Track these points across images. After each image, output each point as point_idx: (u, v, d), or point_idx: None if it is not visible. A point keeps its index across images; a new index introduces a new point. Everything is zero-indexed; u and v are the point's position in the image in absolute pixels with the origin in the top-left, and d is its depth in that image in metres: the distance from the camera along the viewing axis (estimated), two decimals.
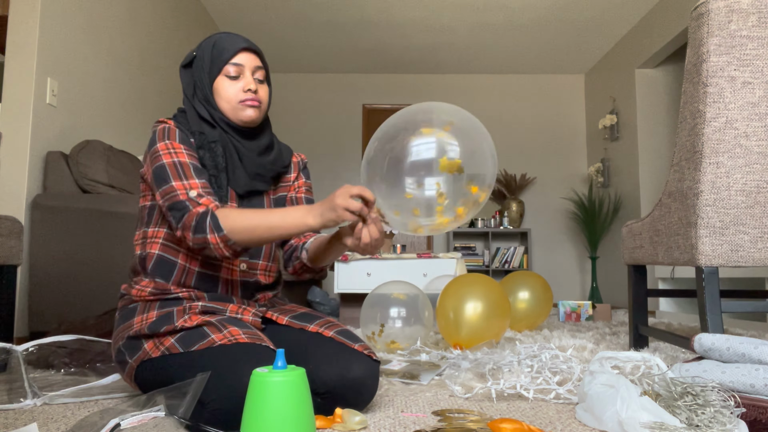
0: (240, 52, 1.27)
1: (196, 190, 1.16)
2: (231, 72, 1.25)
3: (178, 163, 1.19)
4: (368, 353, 1.18)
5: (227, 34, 1.30)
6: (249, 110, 1.26)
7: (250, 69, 1.28)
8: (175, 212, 1.15)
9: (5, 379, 1.43)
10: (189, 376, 1.03)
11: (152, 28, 3.82)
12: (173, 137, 1.22)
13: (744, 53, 1.50)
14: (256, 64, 1.29)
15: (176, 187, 1.16)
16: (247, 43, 1.28)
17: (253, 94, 1.26)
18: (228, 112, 1.27)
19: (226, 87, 1.26)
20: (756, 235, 1.51)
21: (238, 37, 1.29)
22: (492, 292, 2.15)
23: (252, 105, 1.26)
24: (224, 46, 1.27)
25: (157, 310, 1.19)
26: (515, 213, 5.97)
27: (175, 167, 1.18)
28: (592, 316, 3.49)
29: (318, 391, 1.12)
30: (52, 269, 2.38)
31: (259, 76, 1.29)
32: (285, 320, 1.29)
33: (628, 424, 0.96)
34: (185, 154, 1.21)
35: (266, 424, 0.83)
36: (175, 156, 1.20)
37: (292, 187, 1.43)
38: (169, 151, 1.20)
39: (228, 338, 1.08)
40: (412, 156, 1.15)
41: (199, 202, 1.14)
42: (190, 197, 1.15)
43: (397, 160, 1.16)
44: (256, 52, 1.30)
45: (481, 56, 5.89)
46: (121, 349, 1.19)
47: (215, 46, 1.27)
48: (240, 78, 1.27)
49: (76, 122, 2.87)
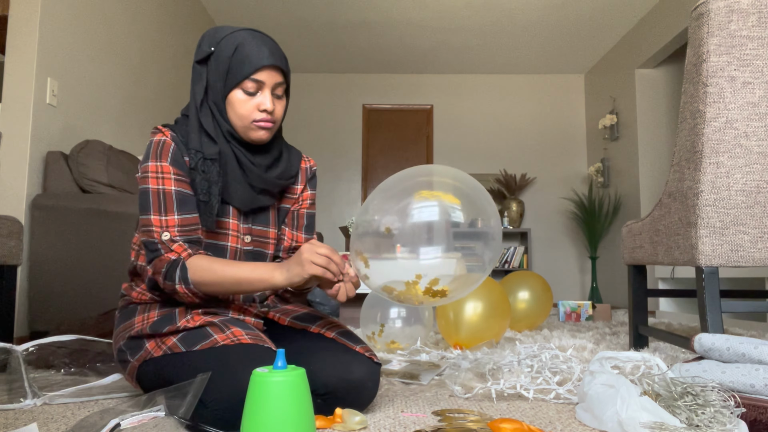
0: (263, 69, 1.16)
1: (171, 231, 1.12)
2: (249, 88, 1.16)
3: (161, 193, 1.13)
4: (369, 355, 1.18)
5: (252, 36, 1.17)
6: (260, 132, 1.19)
7: (270, 86, 1.17)
8: (148, 252, 1.13)
9: (5, 379, 1.43)
10: (191, 376, 1.03)
11: (152, 29, 3.82)
12: (165, 156, 1.15)
13: (744, 53, 1.50)
14: (278, 81, 1.18)
15: (153, 222, 1.12)
16: (273, 58, 1.16)
17: (268, 114, 1.18)
18: (238, 127, 1.19)
19: (242, 103, 1.16)
20: (756, 235, 1.51)
21: (264, 48, 1.16)
22: (492, 292, 2.15)
23: (265, 127, 1.18)
24: (247, 57, 1.15)
25: (158, 310, 1.19)
26: (515, 213, 5.97)
27: (158, 197, 1.13)
28: (592, 316, 3.49)
29: (318, 393, 1.12)
30: (52, 269, 2.38)
31: (278, 92, 1.19)
32: (287, 321, 1.28)
33: (628, 424, 0.96)
34: (172, 180, 1.14)
35: (266, 424, 0.83)
36: (161, 182, 1.14)
37: (297, 200, 1.37)
38: (156, 175, 1.14)
39: (231, 338, 1.08)
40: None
41: (171, 248, 1.11)
42: (163, 240, 1.11)
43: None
44: (279, 67, 1.18)
45: (481, 56, 5.89)
46: (122, 349, 1.19)
47: (237, 51, 1.15)
48: (257, 95, 1.17)
49: (76, 122, 2.87)
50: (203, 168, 1.16)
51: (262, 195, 1.25)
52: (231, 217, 1.24)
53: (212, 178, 1.16)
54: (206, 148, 1.17)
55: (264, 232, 1.30)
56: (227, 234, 1.23)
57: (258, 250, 1.29)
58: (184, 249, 1.12)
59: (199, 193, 1.16)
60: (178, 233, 1.13)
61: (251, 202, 1.23)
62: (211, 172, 1.16)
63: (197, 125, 1.19)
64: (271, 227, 1.31)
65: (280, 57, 1.18)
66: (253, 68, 1.14)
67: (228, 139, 1.20)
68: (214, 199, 1.16)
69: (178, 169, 1.15)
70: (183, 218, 1.14)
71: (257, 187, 1.22)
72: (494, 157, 6.30)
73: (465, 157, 6.30)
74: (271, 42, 1.19)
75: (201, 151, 1.16)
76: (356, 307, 3.45)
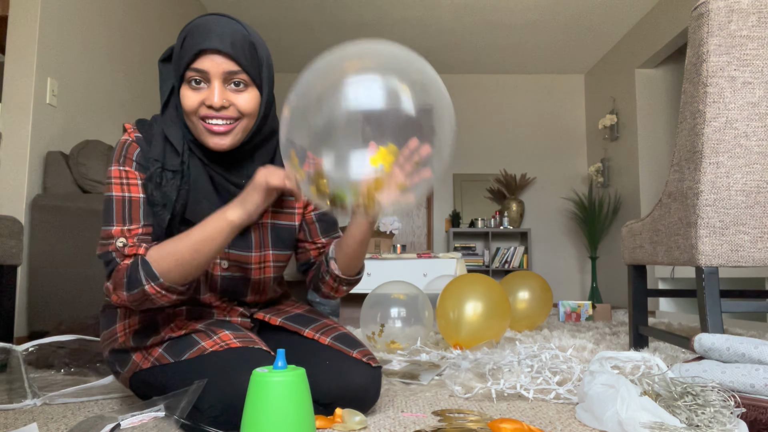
0: (204, 54, 0.96)
1: (131, 237, 0.99)
2: (192, 78, 0.98)
3: (127, 201, 1.01)
4: (367, 360, 1.14)
5: (206, 21, 0.98)
6: (212, 138, 0.99)
7: (219, 76, 0.97)
8: (105, 267, 1.00)
9: (5, 379, 1.43)
10: (183, 385, 0.99)
11: (152, 29, 3.81)
12: (129, 160, 1.02)
13: (744, 53, 1.50)
14: (228, 69, 0.97)
15: (114, 233, 0.99)
16: (218, 41, 0.96)
17: (216, 111, 0.98)
18: (193, 131, 1.02)
19: (185, 98, 0.99)
20: (756, 235, 1.51)
21: (213, 27, 0.97)
22: (492, 292, 2.15)
23: (216, 131, 0.98)
24: (190, 42, 0.97)
25: (140, 315, 1.13)
26: (515, 213, 5.97)
27: (123, 205, 1.01)
28: (592, 316, 3.49)
29: (320, 402, 1.09)
30: (52, 269, 2.38)
31: (237, 84, 0.99)
32: (278, 321, 1.21)
33: (628, 424, 0.96)
34: (138, 186, 1.02)
35: (266, 424, 0.83)
36: (126, 189, 1.02)
37: (299, 214, 1.21)
38: (121, 181, 1.02)
39: (219, 344, 1.03)
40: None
41: (125, 253, 0.98)
42: (117, 247, 0.98)
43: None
44: (227, 53, 0.96)
45: (481, 56, 5.89)
46: (110, 360, 1.15)
47: (185, 40, 0.99)
48: (203, 87, 0.99)
49: (76, 122, 2.87)
50: (158, 179, 1.01)
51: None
52: None
53: (169, 194, 1.02)
54: (168, 159, 1.03)
55: (243, 257, 1.14)
56: None
57: (237, 276, 1.15)
58: (137, 246, 0.99)
59: (156, 205, 1.02)
60: (138, 240, 1.01)
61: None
62: (168, 186, 1.02)
63: (160, 132, 1.05)
64: (253, 251, 1.15)
65: (232, 42, 0.97)
66: (191, 54, 0.96)
67: (194, 150, 1.05)
68: (165, 213, 1.03)
69: (143, 173, 1.03)
70: (148, 228, 1.03)
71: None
72: (494, 157, 6.30)
73: (465, 157, 6.30)
74: (227, 26, 0.98)
75: (160, 161, 1.02)
76: (356, 307, 3.45)
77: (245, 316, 1.21)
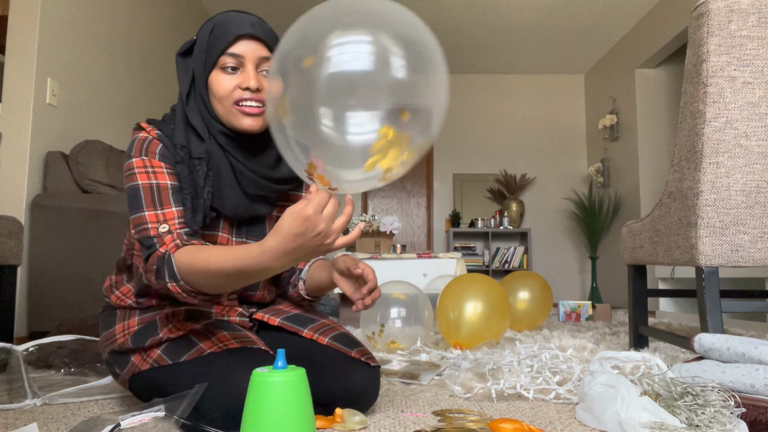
0: (240, 39, 1.02)
1: (170, 222, 0.98)
2: (228, 63, 1.02)
3: (155, 187, 1.00)
4: (366, 359, 1.14)
5: (233, 13, 1.05)
6: (246, 119, 1.03)
7: (253, 60, 1.03)
8: (144, 249, 0.98)
9: (5, 379, 1.43)
10: (183, 387, 0.99)
11: (152, 28, 3.82)
12: (152, 153, 1.03)
13: (744, 53, 1.50)
14: (263, 55, 1.04)
15: (148, 219, 0.98)
16: (254, 29, 1.03)
17: (252, 93, 1.03)
18: (222, 117, 1.05)
19: (220, 83, 1.03)
20: (756, 235, 1.51)
21: (244, 18, 1.04)
22: (492, 292, 2.15)
23: (250, 113, 1.03)
24: (224, 31, 1.03)
25: (139, 317, 1.13)
26: (515, 213, 5.97)
27: (151, 191, 1.00)
28: (592, 316, 3.49)
29: (319, 402, 1.10)
30: (52, 269, 2.38)
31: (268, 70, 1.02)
32: (277, 321, 1.21)
33: (628, 424, 0.96)
34: (165, 174, 1.02)
35: (266, 424, 0.83)
36: (153, 176, 1.01)
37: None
38: (146, 170, 1.01)
39: (217, 345, 1.03)
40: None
41: (164, 241, 0.96)
42: (160, 233, 0.97)
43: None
44: (262, 39, 1.03)
45: (482, 56, 5.89)
46: (109, 361, 1.15)
47: (215, 30, 1.04)
48: (239, 71, 1.03)
49: (76, 122, 2.87)
50: (189, 164, 1.04)
51: (258, 203, 1.11)
52: (221, 230, 1.12)
53: (198, 180, 1.04)
54: (193, 145, 1.05)
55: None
56: None
57: None
58: (173, 240, 0.97)
59: (186, 187, 1.02)
60: (179, 225, 0.99)
61: (245, 210, 1.10)
62: (198, 173, 1.04)
63: (183, 120, 1.07)
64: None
65: (265, 30, 1.04)
66: (229, 40, 1.01)
67: (216, 137, 1.06)
68: (199, 201, 1.04)
69: (168, 164, 1.04)
70: (181, 209, 1.01)
71: (252, 193, 1.09)
72: (494, 157, 6.30)
73: (465, 157, 6.30)
74: (256, 17, 1.06)
75: (188, 147, 1.04)
76: None
77: (244, 315, 1.20)
